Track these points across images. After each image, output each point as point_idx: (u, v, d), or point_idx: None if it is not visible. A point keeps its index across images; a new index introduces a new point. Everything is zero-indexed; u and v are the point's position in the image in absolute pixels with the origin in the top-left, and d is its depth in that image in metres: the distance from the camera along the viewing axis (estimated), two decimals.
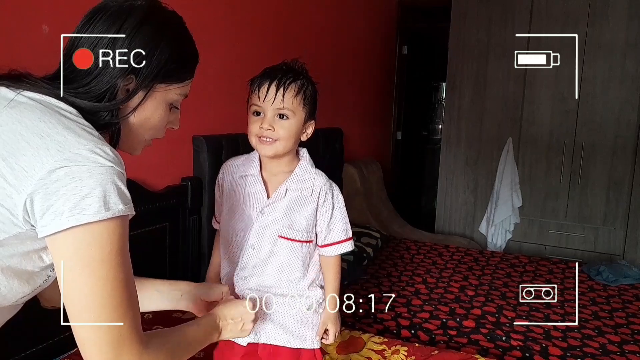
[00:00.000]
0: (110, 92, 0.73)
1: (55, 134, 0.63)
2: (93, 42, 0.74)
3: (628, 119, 3.22)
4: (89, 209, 0.61)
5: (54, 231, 0.61)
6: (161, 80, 0.78)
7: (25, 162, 0.61)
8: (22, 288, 0.69)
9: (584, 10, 3.23)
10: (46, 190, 0.60)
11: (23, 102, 0.67)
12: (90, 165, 0.62)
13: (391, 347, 1.64)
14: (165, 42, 0.77)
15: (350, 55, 3.37)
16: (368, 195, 3.39)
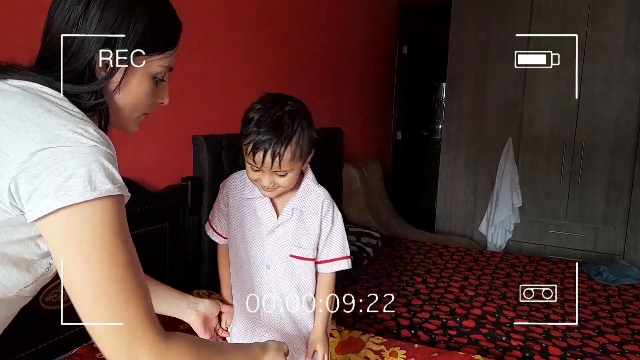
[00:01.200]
0: (89, 70, 0.71)
1: (36, 117, 0.61)
2: (64, 19, 0.71)
3: (628, 119, 3.22)
4: (73, 189, 0.58)
5: (41, 214, 0.59)
6: (140, 52, 0.73)
7: (7, 146, 0.60)
8: (22, 277, 0.67)
9: (584, 10, 3.23)
10: (29, 174, 0.59)
11: (5, 90, 0.66)
12: (72, 146, 0.60)
13: (390, 347, 1.64)
14: (139, 10, 0.73)
15: (350, 55, 3.37)
16: (368, 195, 3.39)
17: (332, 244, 1.24)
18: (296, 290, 1.23)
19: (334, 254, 1.24)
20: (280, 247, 1.21)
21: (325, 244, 1.23)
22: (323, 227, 1.22)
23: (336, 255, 1.24)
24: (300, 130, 1.09)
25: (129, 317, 0.61)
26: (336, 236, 1.24)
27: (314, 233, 1.21)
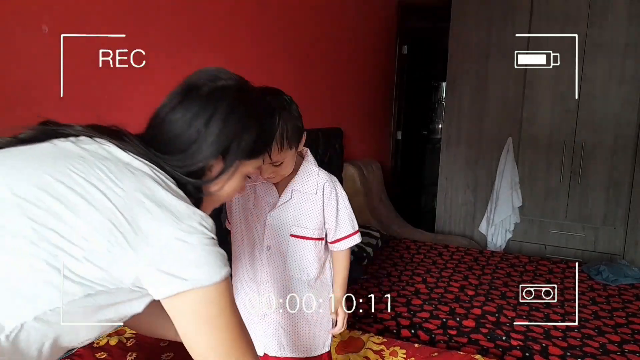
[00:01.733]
0: (201, 170, 0.79)
1: (170, 204, 0.69)
2: (187, 123, 0.78)
3: (628, 119, 3.22)
4: (202, 275, 0.68)
5: (171, 294, 0.67)
6: (246, 159, 0.84)
7: (147, 228, 0.67)
8: (93, 334, 0.73)
9: (584, 10, 3.23)
10: (164, 257, 0.66)
11: (138, 169, 0.73)
12: (201, 236, 0.69)
13: (390, 347, 1.64)
14: (253, 125, 0.82)
15: (350, 55, 3.37)
16: (368, 195, 3.39)
17: (341, 223, 1.27)
18: (297, 271, 1.25)
19: (345, 231, 1.28)
20: (280, 227, 1.23)
21: (336, 224, 1.27)
22: (329, 208, 1.25)
23: (347, 232, 1.28)
24: (282, 123, 1.11)
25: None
26: (343, 215, 1.27)
27: (314, 213, 1.24)
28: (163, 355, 1.47)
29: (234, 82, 0.84)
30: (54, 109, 1.44)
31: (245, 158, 0.83)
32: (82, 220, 0.65)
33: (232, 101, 0.81)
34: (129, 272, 0.66)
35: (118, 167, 0.71)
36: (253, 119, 0.83)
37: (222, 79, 0.83)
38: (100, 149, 0.74)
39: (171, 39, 1.81)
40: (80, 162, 0.70)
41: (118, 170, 0.70)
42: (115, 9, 1.61)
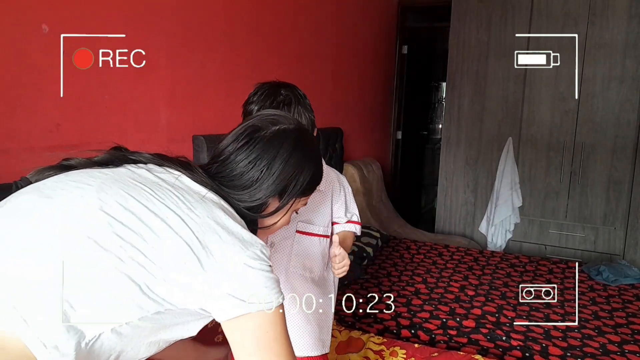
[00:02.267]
0: (260, 206, 0.86)
1: (237, 232, 0.76)
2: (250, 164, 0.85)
3: (628, 119, 3.22)
4: (266, 299, 0.74)
5: (235, 316, 0.73)
6: (299, 197, 0.92)
7: (218, 253, 0.72)
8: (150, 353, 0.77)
9: (584, 10, 3.23)
10: (231, 280, 0.72)
11: (207, 198, 0.80)
12: (263, 263, 0.75)
13: (390, 347, 1.64)
14: (308, 166, 0.90)
15: (350, 55, 3.37)
16: (368, 195, 3.39)
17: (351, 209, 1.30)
18: (301, 268, 1.24)
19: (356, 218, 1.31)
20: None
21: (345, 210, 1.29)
22: (339, 202, 1.26)
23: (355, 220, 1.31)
24: (297, 116, 1.13)
25: None
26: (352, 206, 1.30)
27: (322, 209, 1.24)
28: None
29: (293, 126, 0.91)
30: (54, 109, 1.44)
31: (299, 196, 0.91)
32: (163, 243, 0.70)
33: (291, 145, 0.88)
34: (197, 293, 0.72)
35: (191, 195, 0.78)
36: (309, 160, 0.91)
37: (283, 123, 0.90)
38: (172, 178, 0.81)
39: (171, 39, 1.81)
40: (159, 189, 0.77)
41: (192, 198, 0.77)
42: (115, 9, 1.60)
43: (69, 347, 0.63)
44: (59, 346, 0.62)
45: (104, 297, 0.66)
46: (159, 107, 1.80)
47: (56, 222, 0.68)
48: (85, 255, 0.66)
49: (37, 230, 0.68)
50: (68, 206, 0.70)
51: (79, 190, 0.73)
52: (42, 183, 0.76)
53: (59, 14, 1.42)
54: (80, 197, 0.71)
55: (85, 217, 0.69)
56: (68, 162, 0.82)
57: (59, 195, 0.72)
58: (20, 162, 1.35)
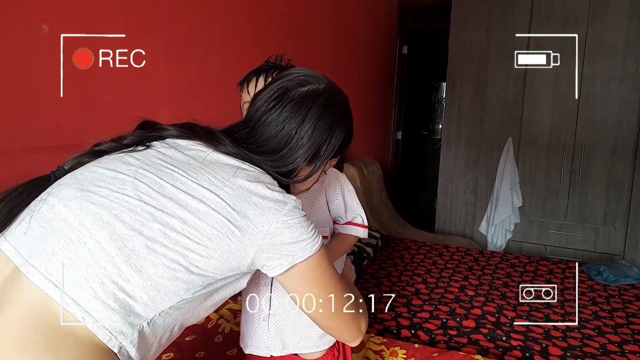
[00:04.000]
0: (292, 170, 0.86)
1: (270, 194, 0.78)
2: (279, 126, 0.85)
3: (628, 119, 3.22)
4: (306, 247, 0.79)
5: (283, 270, 0.79)
6: (331, 158, 0.91)
7: (256, 219, 0.75)
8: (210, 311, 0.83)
9: (584, 10, 3.23)
10: (272, 240, 0.77)
11: (238, 167, 0.81)
12: (298, 216, 0.79)
13: (390, 347, 1.64)
14: (341, 127, 0.90)
15: (350, 55, 3.37)
16: (368, 196, 3.39)
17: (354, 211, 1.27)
18: None
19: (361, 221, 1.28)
20: None
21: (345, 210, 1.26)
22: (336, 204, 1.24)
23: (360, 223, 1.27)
24: None
25: (350, 307, 0.88)
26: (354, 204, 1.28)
27: (318, 207, 1.22)
28: (163, 355, 1.47)
29: (323, 86, 0.90)
30: (54, 109, 1.44)
31: (331, 157, 0.91)
32: (204, 222, 0.73)
33: (324, 105, 0.88)
34: (245, 261, 0.76)
35: (223, 169, 0.79)
36: (340, 121, 0.90)
37: (312, 84, 0.89)
38: (201, 153, 0.82)
39: (171, 39, 1.81)
40: (190, 169, 0.78)
41: (223, 171, 0.78)
42: (115, 9, 1.60)
43: (132, 331, 0.67)
44: (123, 331, 0.66)
45: (159, 283, 0.69)
46: (159, 107, 1.80)
47: (101, 219, 0.70)
48: (134, 249, 0.69)
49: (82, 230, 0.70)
50: (108, 202, 0.72)
51: (116, 182, 0.75)
52: (80, 174, 0.78)
53: (59, 14, 1.42)
54: (117, 190, 0.73)
55: (126, 211, 0.71)
56: (99, 148, 0.84)
57: (98, 190, 0.74)
58: (20, 162, 1.35)
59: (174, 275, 0.70)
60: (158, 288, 0.69)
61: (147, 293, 0.68)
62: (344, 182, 1.28)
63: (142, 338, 0.69)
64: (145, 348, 0.70)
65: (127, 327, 0.67)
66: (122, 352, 0.66)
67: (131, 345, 0.67)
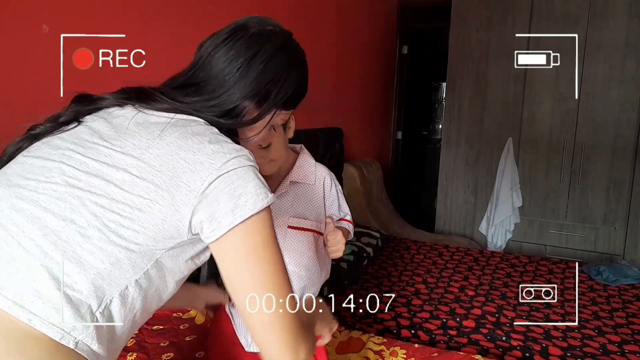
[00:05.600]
0: (236, 112, 0.78)
1: (204, 148, 0.70)
2: (227, 61, 0.79)
3: (628, 119, 3.22)
4: (246, 205, 0.68)
5: (221, 234, 0.68)
6: (281, 108, 0.84)
7: (186, 178, 0.68)
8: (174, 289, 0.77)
9: (584, 10, 3.23)
10: (208, 199, 0.68)
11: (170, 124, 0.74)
12: (237, 168, 0.69)
13: (390, 347, 1.64)
14: (293, 74, 0.83)
15: (350, 55, 3.37)
16: (368, 195, 3.39)
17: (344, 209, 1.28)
18: (295, 265, 1.21)
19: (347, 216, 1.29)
20: (275, 221, 1.19)
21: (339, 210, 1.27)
22: (331, 199, 1.24)
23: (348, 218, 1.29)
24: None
25: (292, 305, 0.72)
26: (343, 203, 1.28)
27: (314, 203, 1.22)
28: (163, 355, 1.47)
29: (281, 30, 0.85)
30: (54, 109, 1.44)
31: (281, 107, 0.83)
32: (131, 193, 0.68)
33: (277, 46, 0.81)
34: (182, 225, 0.69)
35: (148, 129, 0.72)
36: (295, 67, 0.83)
37: (271, 25, 0.84)
38: (129, 115, 0.76)
39: (171, 39, 1.81)
40: (116, 138, 0.72)
41: (148, 132, 0.72)
42: (115, 9, 1.60)
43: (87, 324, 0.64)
44: (76, 326, 0.63)
45: (100, 270, 0.66)
46: None
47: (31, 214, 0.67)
48: (68, 240, 0.66)
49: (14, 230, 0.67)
50: (37, 195, 0.68)
51: (44, 170, 0.71)
52: (9, 167, 0.75)
53: (59, 14, 1.42)
54: (45, 179, 0.70)
55: (55, 200, 0.68)
56: (35, 132, 0.79)
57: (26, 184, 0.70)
58: None
59: (116, 258, 0.66)
60: (102, 275, 0.65)
61: (92, 283, 0.65)
62: (336, 182, 1.27)
63: (99, 329, 0.65)
64: (107, 339, 0.67)
65: (79, 321, 0.63)
66: (80, 347, 0.63)
67: (89, 338, 0.64)
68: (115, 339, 0.69)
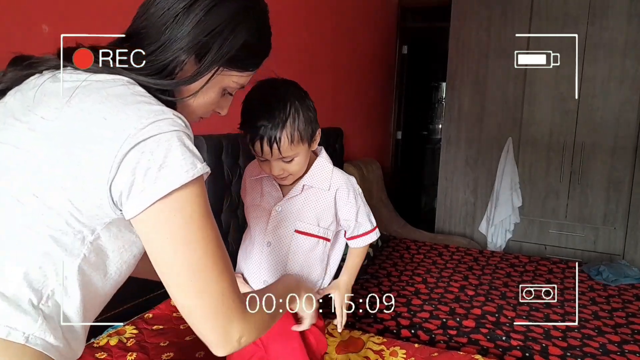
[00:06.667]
0: (171, 68, 0.68)
1: (118, 112, 0.61)
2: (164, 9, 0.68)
3: (628, 119, 3.22)
4: (167, 178, 0.60)
5: (140, 210, 0.60)
6: (225, 66, 0.72)
7: (99, 149, 0.60)
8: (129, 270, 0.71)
9: (584, 10, 3.23)
10: (124, 173, 0.60)
11: (81, 90, 0.65)
12: (158, 135, 0.60)
13: (390, 347, 1.64)
14: (243, 27, 0.71)
15: (350, 55, 3.37)
16: (368, 195, 3.38)
17: (360, 221, 1.25)
18: (299, 269, 1.20)
19: (365, 229, 1.27)
20: (283, 223, 1.18)
21: (355, 222, 1.24)
22: (348, 206, 1.21)
23: (367, 229, 1.27)
24: (293, 112, 1.08)
25: (223, 288, 0.65)
26: (362, 212, 1.24)
27: (324, 210, 1.19)
28: (163, 355, 1.47)
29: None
30: None
31: (226, 65, 0.72)
32: (43, 174, 0.61)
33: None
34: (105, 204, 0.62)
35: (58, 98, 0.64)
36: (247, 17, 0.71)
37: None
38: (39, 82, 0.68)
39: None
40: (24, 113, 0.65)
41: (58, 100, 0.64)
42: (115, 9, 1.60)
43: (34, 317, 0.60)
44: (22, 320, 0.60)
45: (33, 260, 0.61)
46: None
47: None
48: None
49: None
50: None
51: None
52: None
53: (59, 14, 1.42)
54: None
55: None
56: None
57: None
58: None
59: (45, 247, 0.61)
60: (35, 267, 0.61)
61: (24, 278, 0.61)
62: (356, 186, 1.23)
63: (50, 320, 0.61)
64: (63, 328, 0.63)
65: (24, 316, 0.60)
66: (32, 341, 0.59)
67: (41, 331, 0.60)
68: (73, 328, 0.64)
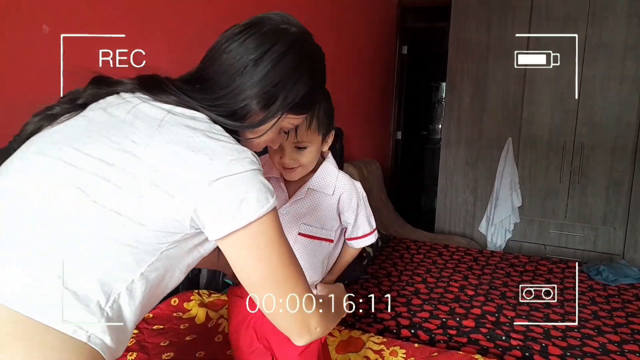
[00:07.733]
0: (242, 113, 0.76)
1: (205, 147, 0.68)
2: (235, 58, 0.76)
3: (628, 119, 3.22)
4: (248, 211, 0.69)
5: (223, 235, 0.69)
6: (290, 112, 0.80)
7: (185, 176, 0.67)
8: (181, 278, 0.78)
9: (584, 11, 3.23)
10: (208, 201, 0.68)
11: (173, 121, 0.72)
12: (240, 172, 0.68)
13: (390, 347, 1.64)
14: (308, 75, 0.80)
15: (350, 55, 3.37)
16: (368, 195, 3.37)
17: (359, 224, 1.25)
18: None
19: (363, 231, 1.26)
20: (288, 226, 1.18)
21: (354, 224, 1.24)
22: (350, 210, 1.21)
23: (364, 232, 1.26)
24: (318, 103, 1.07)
25: (301, 291, 0.76)
26: (362, 215, 1.25)
27: (328, 213, 1.19)
28: (163, 355, 1.47)
29: (298, 29, 0.82)
30: None
31: (290, 111, 0.80)
32: (131, 191, 0.67)
33: (288, 44, 0.77)
34: (183, 224, 0.69)
35: (147, 123, 0.71)
36: (307, 70, 0.80)
37: (287, 23, 0.81)
38: (128, 107, 0.74)
39: (171, 39, 1.81)
40: (113, 133, 0.71)
41: (147, 125, 0.70)
42: (115, 9, 1.61)
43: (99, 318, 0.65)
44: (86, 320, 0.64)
45: (107, 265, 0.67)
46: None
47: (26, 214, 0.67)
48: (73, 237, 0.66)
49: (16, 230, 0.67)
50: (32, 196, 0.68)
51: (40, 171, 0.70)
52: (11, 163, 0.73)
53: (59, 14, 1.42)
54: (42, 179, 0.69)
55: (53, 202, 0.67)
56: (52, 112, 0.79)
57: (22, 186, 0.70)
58: None
59: (120, 255, 0.67)
60: (107, 272, 0.67)
61: (98, 280, 0.66)
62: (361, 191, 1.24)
63: (110, 322, 0.67)
64: (117, 331, 0.68)
65: (89, 317, 0.65)
66: (93, 340, 0.64)
67: (101, 332, 0.65)
68: (125, 330, 0.70)
